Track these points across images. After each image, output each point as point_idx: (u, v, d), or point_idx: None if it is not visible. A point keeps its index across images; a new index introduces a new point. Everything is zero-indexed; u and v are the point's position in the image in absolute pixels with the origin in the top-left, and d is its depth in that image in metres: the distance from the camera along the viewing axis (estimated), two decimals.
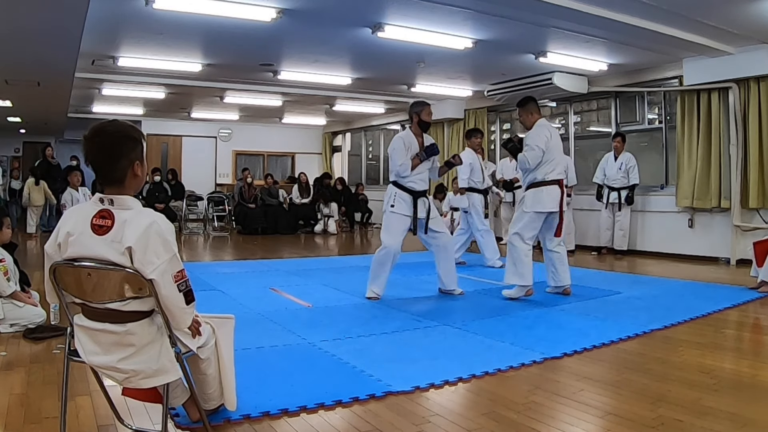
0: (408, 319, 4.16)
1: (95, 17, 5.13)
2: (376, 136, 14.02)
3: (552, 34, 6.15)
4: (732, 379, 2.92)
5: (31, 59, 6.48)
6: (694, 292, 5.24)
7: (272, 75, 8.32)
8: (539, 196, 4.78)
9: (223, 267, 6.84)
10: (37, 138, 15.20)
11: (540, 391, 2.69)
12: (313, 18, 5.60)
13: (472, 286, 5.50)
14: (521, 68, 7.79)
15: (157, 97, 10.13)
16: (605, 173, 7.84)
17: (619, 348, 3.45)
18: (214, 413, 2.30)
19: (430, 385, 2.75)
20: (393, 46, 6.52)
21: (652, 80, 7.78)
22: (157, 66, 7.54)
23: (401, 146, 4.81)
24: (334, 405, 2.51)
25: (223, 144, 14.44)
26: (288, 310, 4.42)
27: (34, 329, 3.67)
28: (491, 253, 6.73)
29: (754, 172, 6.61)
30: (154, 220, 1.82)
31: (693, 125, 7.22)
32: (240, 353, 2.44)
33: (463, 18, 5.54)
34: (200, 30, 6.09)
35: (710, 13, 5.31)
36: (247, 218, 11.31)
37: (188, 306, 1.86)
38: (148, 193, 10.69)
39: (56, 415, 2.25)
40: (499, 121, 10.84)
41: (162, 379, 1.87)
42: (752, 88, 6.60)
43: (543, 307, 4.56)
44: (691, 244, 7.39)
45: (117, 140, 1.86)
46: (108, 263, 1.78)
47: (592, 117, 9.34)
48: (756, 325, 4.25)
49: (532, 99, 5.00)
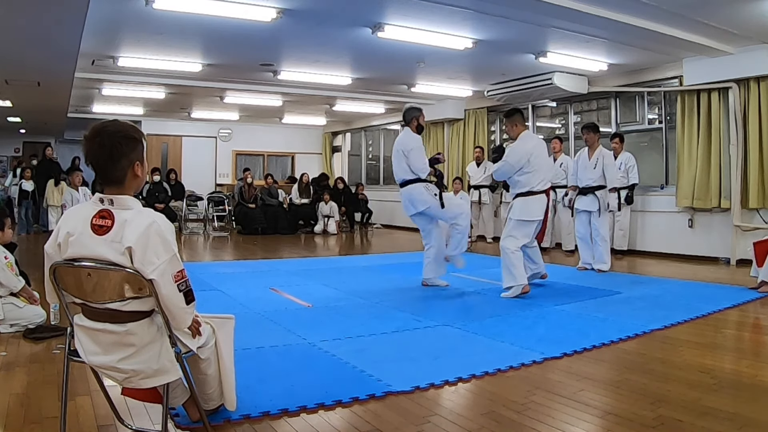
0: (408, 319, 4.16)
1: (95, 17, 5.13)
2: (376, 136, 14.02)
3: (552, 34, 6.15)
4: (732, 379, 2.92)
5: (31, 59, 6.48)
6: (694, 292, 5.24)
7: (272, 75, 8.32)
8: (528, 204, 5.03)
9: (223, 267, 6.84)
10: (37, 138, 15.21)
11: (540, 391, 2.69)
12: (313, 18, 5.60)
13: (473, 286, 5.50)
14: (521, 68, 7.79)
15: (157, 97, 10.13)
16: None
17: (619, 348, 3.45)
18: (214, 413, 2.30)
19: (430, 385, 2.75)
20: (393, 46, 6.52)
21: (652, 80, 7.78)
22: (157, 66, 7.54)
23: (421, 146, 5.26)
24: (334, 405, 2.51)
25: (223, 144, 14.44)
26: (288, 310, 4.42)
27: (34, 329, 3.67)
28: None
29: (754, 172, 6.61)
30: (154, 220, 1.82)
31: (693, 125, 7.22)
32: (240, 353, 2.44)
33: (463, 18, 5.54)
34: (200, 30, 6.09)
35: (710, 14, 5.32)
36: (247, 218, 11.31)
37: (188, 306, 1.87)
38: (148, 193, 10.69)
39: (56, 415, 2.25)
40: (499, 121, 10.83)
41: (162, 379, 1.87)
42: (752, 88, 6.60)
43: (543, 307, 4.56)
44: (691, 244, 7.39)
45: (118, 140, 1.86)
46: (108, 263, 1.78)
47: (592, 117, 9.32)
48: (756, 325, 4.25)
49: (518, 111, 5.26)
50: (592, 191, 6.42)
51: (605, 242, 6.44)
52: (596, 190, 6.38)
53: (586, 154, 6.51)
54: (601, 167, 6.35)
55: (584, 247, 6.60)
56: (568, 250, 8.26)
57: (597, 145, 6.45)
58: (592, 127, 6.55)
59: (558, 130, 9.98)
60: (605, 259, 6.41)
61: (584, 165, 6.49)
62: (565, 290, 5.32)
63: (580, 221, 6.60)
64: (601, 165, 6.35)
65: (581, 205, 6.54)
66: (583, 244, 6.62)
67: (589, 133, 6.47)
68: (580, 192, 6.55)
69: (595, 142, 6.44)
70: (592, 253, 6.53)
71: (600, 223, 6.39)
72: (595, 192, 6.39)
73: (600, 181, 6.37)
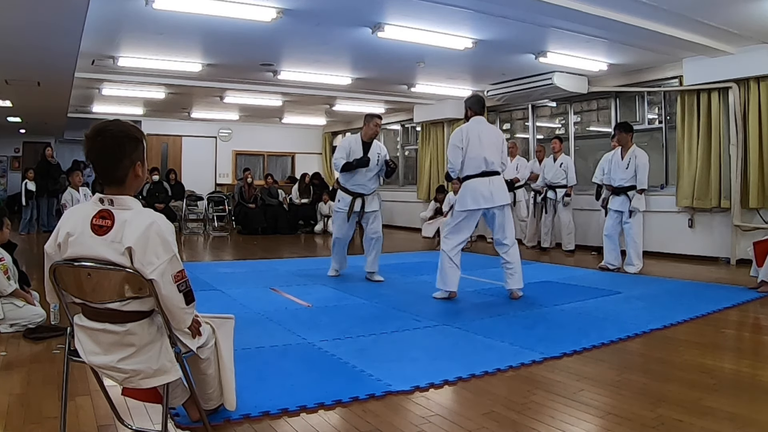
0: (408, 319, 4.16)
1: (95, 17, 5.13)
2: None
3: (552, 34, 6.15)
4: (732, 379, 2.92)
5: (31, 59, 6.47)
6: (694, 292, 5.25)
7: (272, 75, 8.31)
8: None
9: (223, 267, 6.84)
10: (37, 138, 15.21)
11: (540, 391, 2.69)
12: (313, 18, 5.60)
13: (472, 286, 5.50)
14: (521, 68, 7.79)
15: (157, 97, 10.12)
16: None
17: (619, 348, 3.46)
18: (214, 413, 2.31)
19: (430, 385, 2.76)
20: (393, 46, 6.52)
21: (652, 80, 7.78)
22: (157, 66, 7.54)
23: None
24: (334, 405, 2.51)
25: (223, 144, 14.44)
26: (288, 310, 4.42)
27: (34, 329, 3.67)
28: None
29: (754, 172, 6.61)
30: (154, 221, 1.82)
31: (693, 125, 7.22)
32: (240, 353, 2.44)
33: (463, 18, 5.54)
34: (200, 30, 6.09)
35: (710, 14, 5.31)
36: (247, 218, 11.31)
37: (188, 306, 1.86)
38: (148, 193, 10.68)
39: (56, 415, 2.25)
40: (499, 121, 10.83)
41: (162, 379, 1.87)
42: (752, 88, 6.60)
43: (543, 307, 4.56)
44: (691, 244, 7.39)
45: (119, 140, 1.86)
46: (108, 263, 1.78)
47: (592, 117, 9.33)
48: (756, 325, 4.25)
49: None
50: (624, 191, 6.37)
51: (635, 243, 6.37)
52: (628, 191, 6.35)
53: (619, 154, 6.46)
54: (633, 167, 6.30)
55: (610, 247, 6.55)
56: (568, 250, 8.26)
57: (630, 144, 6.41)
58: (625, 127, 6.51)
59: (558, 130, 9.97)
60: (634, 261, 6.37)
61: (617, 165, 6.43)
62: (565, 290, 5.33)
63: (612, 220, 6.54)
64: (633, 165, 6.31)
65: (614, 205, 6.49)
66: (609, 243, 6.55)
67: (621, 132, 6.43)
68: (614, 192, 6.50)
69: (628, 142, 6.40)
70: (618, 254, 6.51)
71: (631, 223, 6.35)
72: (627, 192, 6.35)
73: (632, 181, 6.33)
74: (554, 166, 8.33)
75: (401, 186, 12.92)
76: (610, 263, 6.56)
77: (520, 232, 9.33)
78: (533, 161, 9.12)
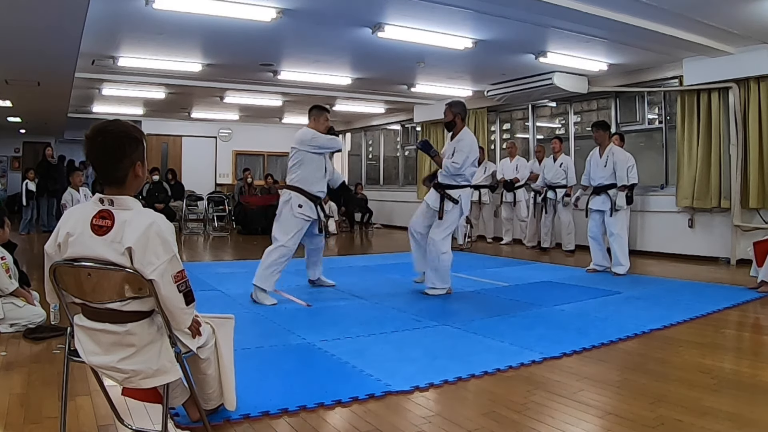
0: (408, 319, 4.16)
1: (95, 17, 5.13)
2: (376, 136, 14.02)
3: (552, 34, 6.15)
4: (732, 379, 2.92)
5: (32, 59, 6.48)
6: (694, 292, 5.24)
7: (272, 75, 8.31)
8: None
9: (223, 267, 6.84)
10: (37, 138, 15.22)
11: (540, 391, 2.69)
12: (313, 18, 5.60)
13: (472, 286, 5.50)
14: (521, 68, 7.78)
15: (157, 97, 10.13)
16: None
17: (619, 348, 3.46)
18: (214, 413, 2.31)
19: (429, 385, 2.75)
20: (393, 46, 6.52)
21: (652, 80, 7.78)
22: (157, 66, 7.54)
23: None
24: (333, 405, 2.51)
25: (223, 144, 14.44)
26: (288, 310, 4.42)
27: (34, 329, 3.67)
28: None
29: (754, 172, 6.61)
30: (154, 221, 1.82)
31: (693, 125, 7.22)
32: (240, 353, 2.44)
33: (463, 18, 5.54)
34: (200, 30, 6.09)
35: (710, 14, 5.31)
36: (247, 218, 11.31)
37: (188, 306, 1.86)
38: (148, 193, 10.68)
39: (56, 415, 2.25)
40: (499, 121, 10.85)
41: (162, 379, 1.87)
42: (752, 88, 6.60)
43: (543, 307, 4.56)
44: (691, 244, 7.39)
45: (120, 140, 1.86)
46: (108, 263, 1.78)
47: (592, 117, 9.31)
48: (756, 325, 4.25)
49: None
50: (604, 190, 6.25)
51: (620, 243, 6.15)
52: (608, 189, 6.21)
53: (597, 153, 6.35)
54: (611, 165, 6.20)
55: (596, 248, 6.39)
56: (568, 250, 8.25)
57: (608, 142, 6.32)
58: (602, 125, 6.42)
59: (558, 130, 9.98)
60: (621, 260, 6.15)
61: (596, 163, 6.33)
62: (565, 290, 5.32)
63: (594, 221, 6.36)
64: (611, 163, 6.20)
65: (595, 204, 6.32)
66: (595, 245, 6.39)
67: (599, 130, 6.34)
68: (594, 191, 6.35)
69: (605, 140, 6.31)
70: (605, 255, 6.36)
71: (611, 222, 6.17)
72: (607, 191, 6.22)
73: (612, 179, 6.20)
74: (554, 166, 8.33)
75: (401, 186, 12.93)
76: (598, 265, 6.38)
77: (521, 232, 9.37)
78: (533, 161, 9.14)
